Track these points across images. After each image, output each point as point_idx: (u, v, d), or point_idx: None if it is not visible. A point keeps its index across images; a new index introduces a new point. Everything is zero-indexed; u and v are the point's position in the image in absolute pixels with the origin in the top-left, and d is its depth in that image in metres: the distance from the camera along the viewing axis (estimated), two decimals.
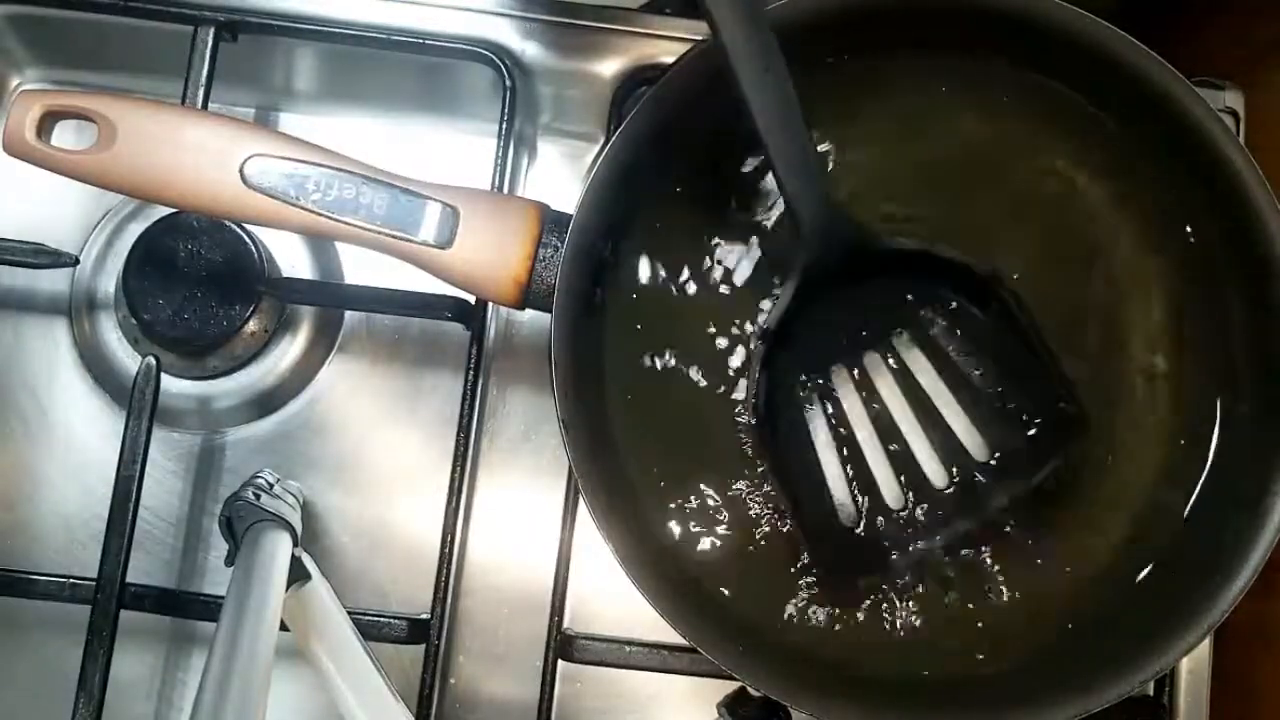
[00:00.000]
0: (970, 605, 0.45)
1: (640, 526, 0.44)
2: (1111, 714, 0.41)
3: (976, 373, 0.44)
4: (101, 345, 0.54)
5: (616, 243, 0.46)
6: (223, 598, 0.43)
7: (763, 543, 0.45)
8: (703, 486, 0.45)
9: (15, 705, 0.53)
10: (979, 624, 0.45)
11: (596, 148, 0.57)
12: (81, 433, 0.55)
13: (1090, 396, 0.45)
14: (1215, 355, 0.46)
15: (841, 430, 0.45)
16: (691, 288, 0.46)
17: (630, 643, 0.50)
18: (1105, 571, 0.45)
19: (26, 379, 0.55)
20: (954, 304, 0.45)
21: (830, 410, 0.45)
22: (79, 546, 0.54)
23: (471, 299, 0.51)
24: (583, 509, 0.44)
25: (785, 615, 0.45)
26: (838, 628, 0.45)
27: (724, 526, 0.45)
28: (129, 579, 0.49)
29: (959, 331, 0.45)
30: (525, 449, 0.55)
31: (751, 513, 0.45)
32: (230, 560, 0.48)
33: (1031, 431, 0.44)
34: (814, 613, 0.45)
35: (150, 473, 0.51)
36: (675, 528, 0.45)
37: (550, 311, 0.42)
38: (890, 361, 0.45)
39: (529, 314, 0.55)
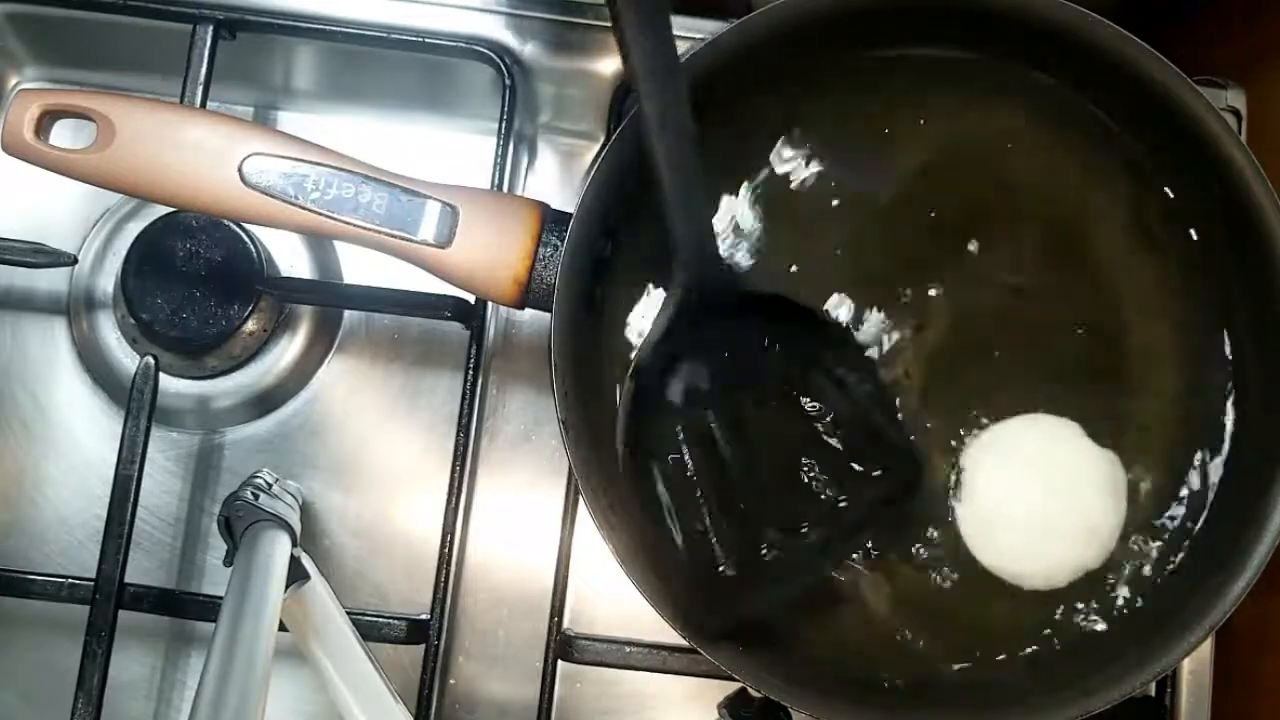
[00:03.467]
0: (972, 608, 0.45)
1: (640, 527, 0.44)
2: (1113, 715, 0.41)
3: (828, 418, 0.44)
4: (100, 345, 0.54)
5: (616, 241, 0.46)
6: (221, 598, 0.42)
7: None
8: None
9: (14, 705, 0.53)
10: (981, 626, 0.45)
11: (596, 147, 0.57)
12: (80, 432, 0.54)
13: (1093, 402, 0.45)
14: (1218, 355, 0.46)
15: (706, 466, 0.43)
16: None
17: (630, 643, 0.50)
18: (1109, 572, 0.45)
19: (25, 379, 0.55)
20: (814, 351, 0.44)
21: (697, 447, 0.44)
22: (77, 546, 0.54)
23: (471, 298, 0.51)
24: (583, 509, 0.44)
25: (785, 615, 0.45)
26: (838, 629, 0.45)
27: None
28: (127, 579, 0.49)
29: (815, 378, 0.44)
30: (525, 449, 0.55)
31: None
32: (229, 560, 0.48)
33: (876, 475, 0.44)
34: (814, 613, 0.45)
35: (149, 472, 0.51)
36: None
37: (550, 311, 0.42)
38: (755, 401, 0.44)
39: (529, 313, 0.55)
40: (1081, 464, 0.45)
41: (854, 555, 0.45)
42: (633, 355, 0.45)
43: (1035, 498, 0.45)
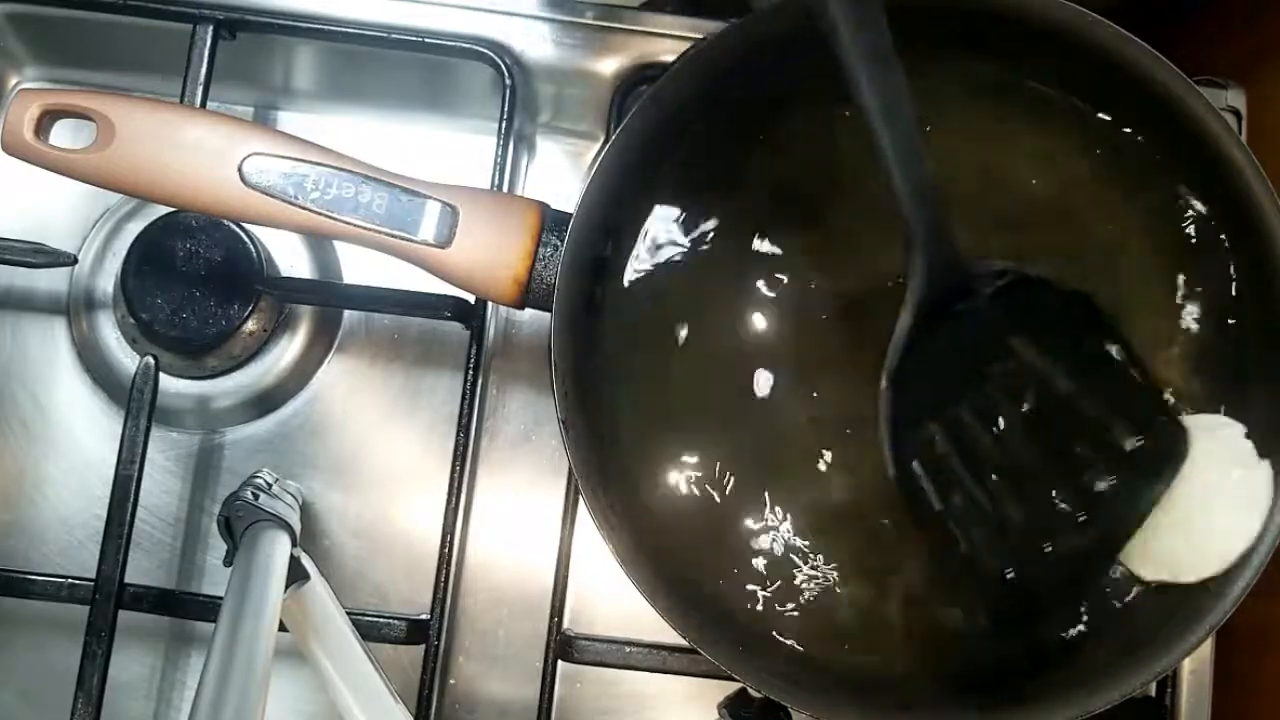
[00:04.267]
0: (971, 609, 0.45)
1: (640, 526, 0.44)
2: (1113, 715, 0.41)
3: (1074, 394, 0.43)
4: (100, 345, 0.54)
5: (617, 241, 0.46)
6: (221, 598, 0.42)
7: (765, 541, 0.45)
8: (704, 487, 0.45)
9: (13, 705, 0.53)
10: (979, 627, 0.45)
11: (597, 146, 0.57)
12: (80, 432, 0.54)
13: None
14: (1217, 355, 0.46)
15: (971, 466, 0.42)
16: (691, 287, 0.46)
17: (630, 643, 0.50)
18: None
19: (25, 379, 0.55)
20: (1047, 326, 0.43)
21: (958, 446, 0.42)
22: (77, 546, 0.53)
23: (471, 298, 0.51)
24: (583, 509, 0.44)
25: (786, 616, 0.45)
26: (839, 629, 0.45)
27: (725, 525, 0.45)
28: (127, 579, 0.49)
29: (1055, 356, 0.43)
30: (525, 449, 0.55)
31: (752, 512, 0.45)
32: (229, 560, 0.48)
33: (1138, 447, 0.43)
34: (814, 613, 0.45)
35: (149, 472, 0.51)
36: (676, 527, 0.45)
37: (550, 311, 0.42)
38: (994, 394, 0.43)
39: (529, 313, 0.55)
40: None
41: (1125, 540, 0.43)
42: (885, 368, 0.42)
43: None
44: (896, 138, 0.37)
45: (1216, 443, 0.44)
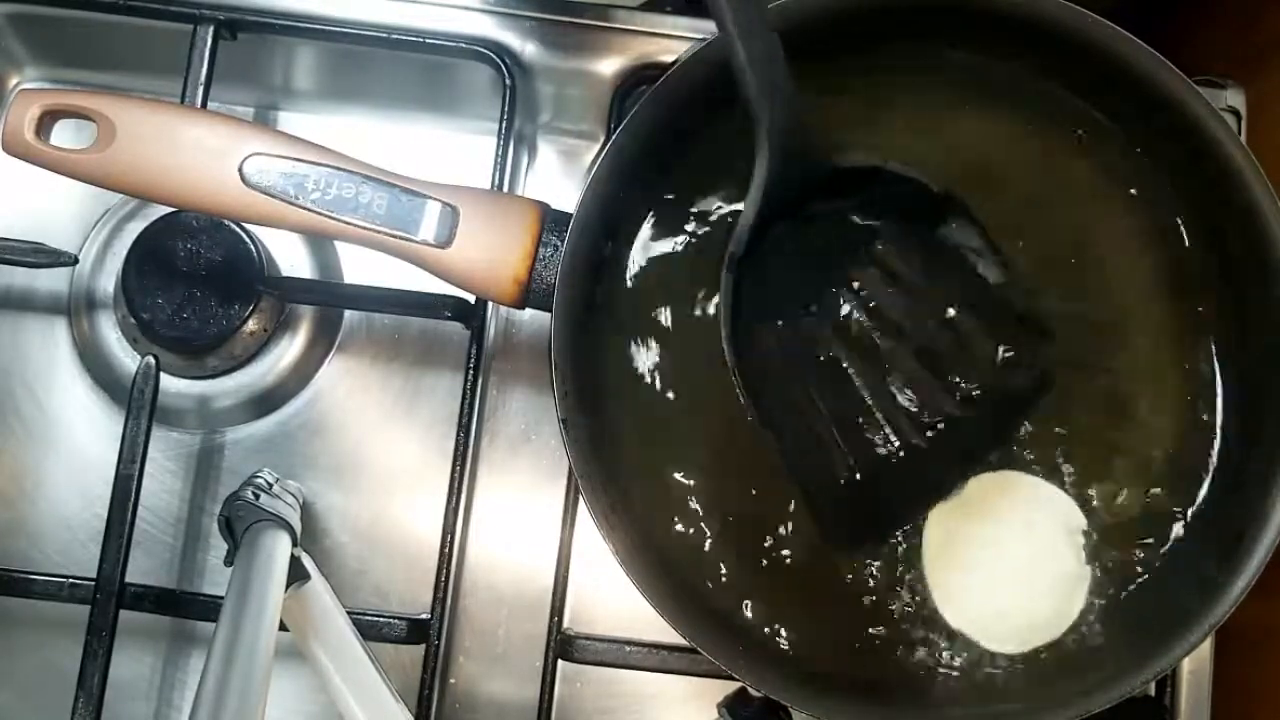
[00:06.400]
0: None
1: (640, 527, 0.44)
2: (1113, 714, 0.41)
3: (945, 304, 0.41)
4: (101, 345, 0.54)
5: (617, 241, 0.46)
6: (222, 598, 0.43)
7: (764, 542, 0.45)
8: (703, 485, 0.45)
9: (14, 705, 0.53)
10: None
11: (597, 146, 0.57)
12: (81, 432, 0.54)
13: (1092, 400, 0.45)
14: (1216, 355, 0.46)
15: (821, 372, 0.41)
16: (691, 286, 0.46)
17: (630, 643, 0.50)
18: (1108, 572, 0.45)
19: (26, 378, 0.55)
20: (915, 232, 0.41)
21: (806, 351, 0.41)
22: (78, 546, 0.54)
23: (471, 298, 0.51)
24: (583, 509, 0.44)
25: (785, 615, 0.45)
26: (838, 628, 0.45)
27: (725, 526, 0.45)
28: (128, 579, 0.49)
29: (921, 261, 0.41)
30: (525, 449, 0.55)
31: (753, 511, 0.45)
32: (229, 560, 0.48)
33: (1005, 356, 0.42)
34: (814, 612, 0.45)
35: (149, 472, 0.51)
36: (676, 528, 0.45)
37: (550, 311, 0.42)
38: (860, 299, 0.42)
39: (529, 313, 0.55)
40: (1047, 538, 0.45)
41: (990, 458, 0.41)
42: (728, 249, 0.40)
43: (999, 561, 0.45)
44: (748, 38, 0.35)
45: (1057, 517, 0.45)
